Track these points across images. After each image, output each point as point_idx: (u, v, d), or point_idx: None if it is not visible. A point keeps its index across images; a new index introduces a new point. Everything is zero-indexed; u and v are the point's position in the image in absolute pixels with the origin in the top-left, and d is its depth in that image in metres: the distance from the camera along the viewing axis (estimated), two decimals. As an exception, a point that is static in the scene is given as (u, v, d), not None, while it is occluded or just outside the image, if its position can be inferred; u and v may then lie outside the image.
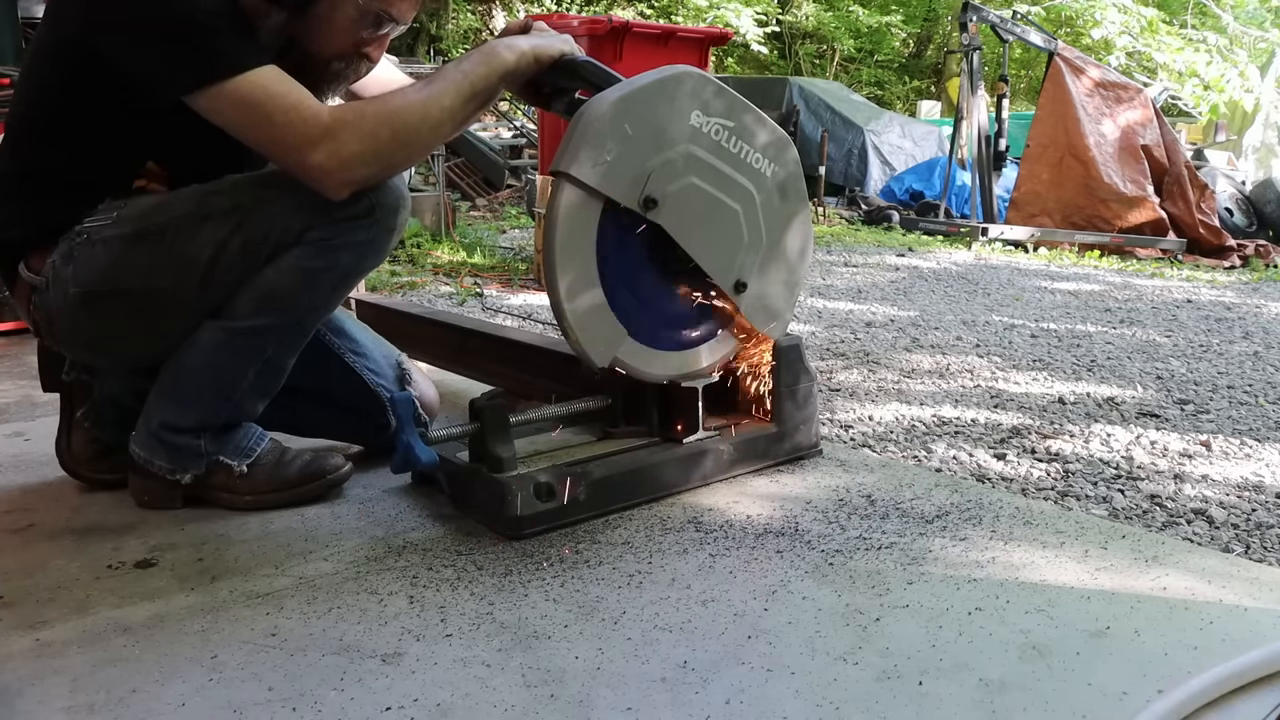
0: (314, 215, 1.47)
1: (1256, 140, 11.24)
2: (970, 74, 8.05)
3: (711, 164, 1.58)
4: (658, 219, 1.54)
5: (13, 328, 2.96)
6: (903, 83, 21.29)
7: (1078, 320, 4.48)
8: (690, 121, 1.55)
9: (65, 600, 1.29)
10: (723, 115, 1.58)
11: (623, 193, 1.50)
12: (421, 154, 1.54)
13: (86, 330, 1.52)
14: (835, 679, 1.10)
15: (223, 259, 1.46)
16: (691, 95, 1.55)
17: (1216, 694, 1.04)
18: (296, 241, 1.48)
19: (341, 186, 1.41)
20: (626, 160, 1.49)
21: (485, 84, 1.49)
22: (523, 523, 1.47)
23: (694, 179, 1.57)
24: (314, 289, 1.52)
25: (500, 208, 9.00)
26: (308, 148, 1.37)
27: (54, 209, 1.49)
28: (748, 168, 1.63)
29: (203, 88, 1.35)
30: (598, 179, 1.48)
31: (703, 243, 1.60)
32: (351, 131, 1.38)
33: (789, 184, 1.69)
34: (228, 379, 1.54)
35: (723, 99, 1.58)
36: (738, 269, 1.65)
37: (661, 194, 1.53)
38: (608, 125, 1.47)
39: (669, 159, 1.53)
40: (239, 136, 1.39)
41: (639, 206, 1.52)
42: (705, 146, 1.57)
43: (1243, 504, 2.13)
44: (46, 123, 1.48)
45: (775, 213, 1.68)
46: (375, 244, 1.53)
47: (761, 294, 1.69)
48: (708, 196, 1.59)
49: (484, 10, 16.87)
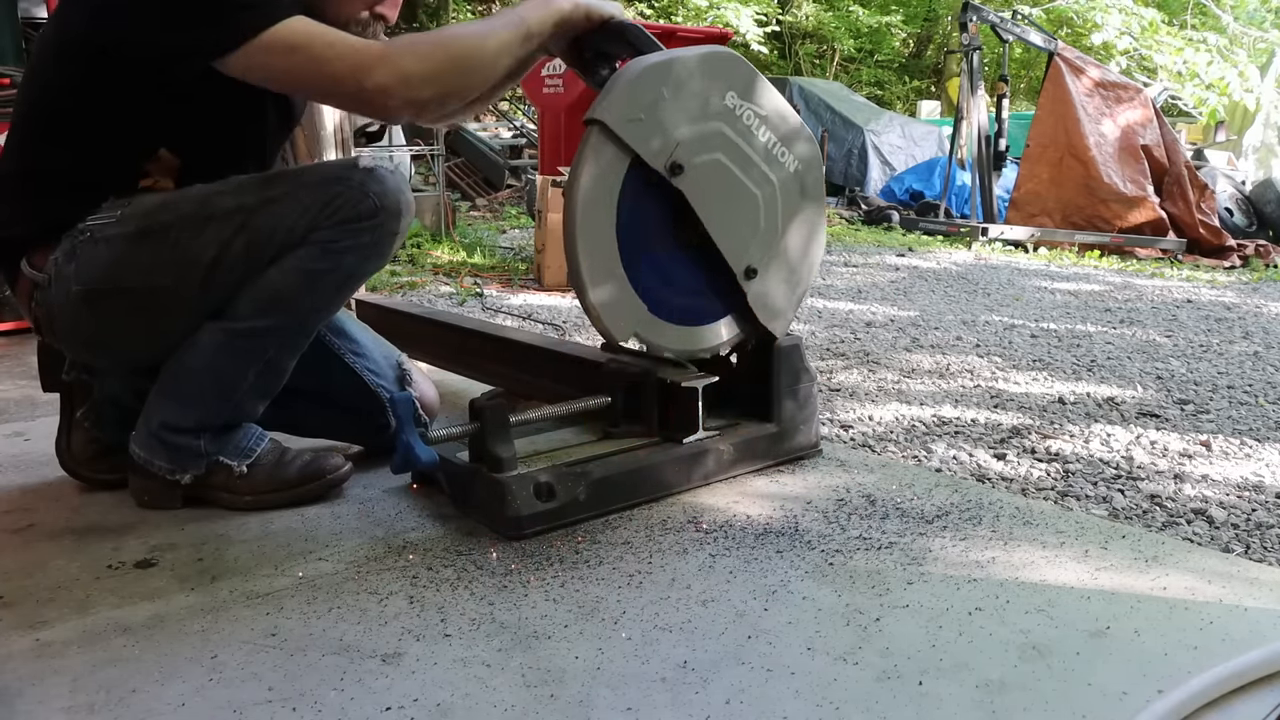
0: (318, 216, 1.47)
1: (1256, 140, 11.24)
2: (970, 74, 8.05)
3: (739, 146, 1.62)
4: (681, 186, 1.57)
5: (13, 327, 2.96)
6: (903, 83, 21.28)
7: (1078, 320, 4.48)
8: (725, 101, 1.58)
9: (65, 600, 1.29)
10: (756, 102, 1.62)
11: (651, 152, 1.53)
12: (481, 84, 1.49)
13: (87, 328, 1.52)
14: (835, 679, 1.10)
15: (225, 259, 1.46)
16: (730, 76, 1.59)
17: (1216, 694, 1.04)
18: (300, 243, 1.48)
19: (406, 106, 1.41)
20: (659, 123, 1.53)
21: (540, 27, 1.50)
22: (523, 523, 1.47)
23: (721, 156, 1.60)
24: (317, 291, 1.51)
25: (500, 208, 9.00)
26: (364, 72, 1.36)
27: (58, 207, 1.49)
28: (773, 158, 1.66)
29: (240, 44, 1.35)
30: (630, 133, 1.51)
31: (721, 220, 1.62)
32: (408, 53, 1.39)
33: (810, 182, 1.72)
34: (228, 380, 1.54)
35: (758, 86, 1.62)
36: (750, 255, 1.67)
37: (688, 163, 1.56)
38: (648, 85, 1.51)
39: (700, 131, 1.57)
40: (286, 86, 1.40)
41: (665, 170, 1.54)
42: (736, 128, 1.61)
43: (1243, 504, 2.13)
44: (50, 122, 1.49)
45: (793, 208, 1.70)
46: (379, 247, 1.52)
47: (767, 286, 1.70)
48: (731, 176, 1.62)
49: (484, 10, 16.88)
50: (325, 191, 1.47)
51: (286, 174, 1.46)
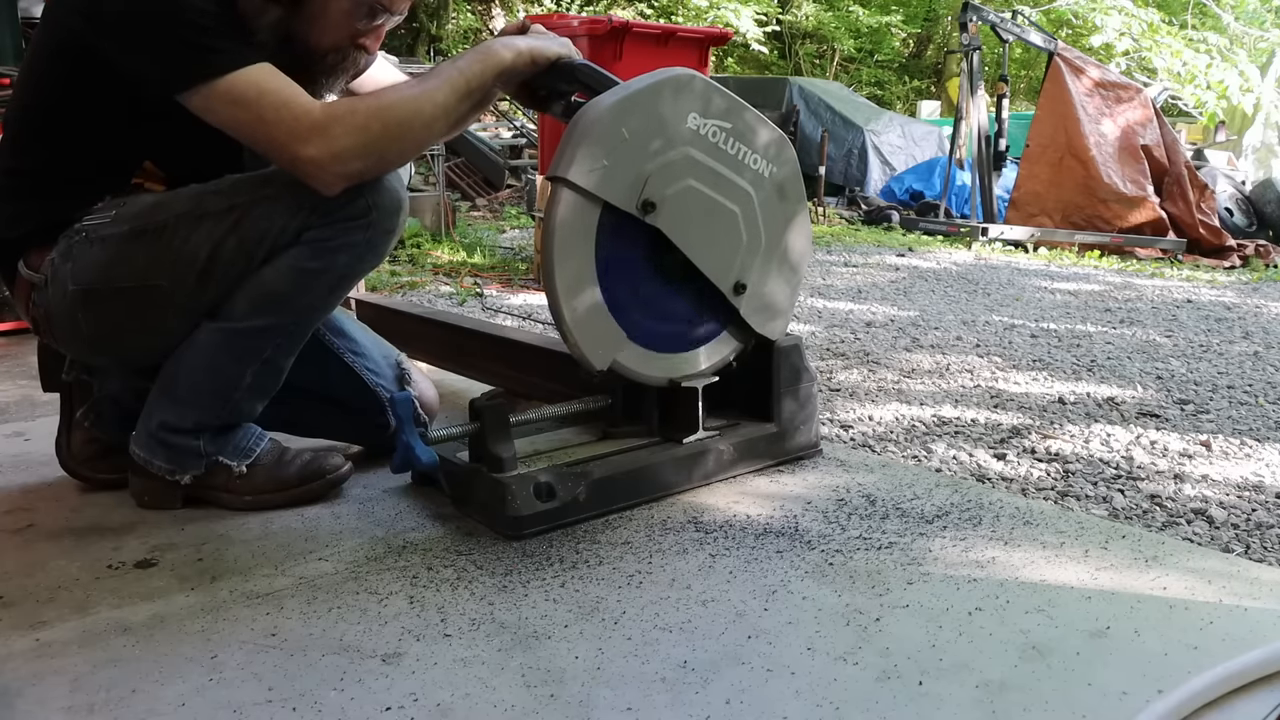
0: (311, 215, 1.46)
1: (1256, 140, 11.24)
2: (970, 74, 8.05)
3: (710, 166, 1.58)
4: (656, 222, 1.54)
5: (12, 327, 2.96)
6: (903, 83, 21.28)
7: (1078, 320, 4.48)
8: (688, 124, 1.54)
9: (65, 600, 1.29)
10: (720, 117, 1.58)
11: (620, 197, 1.50)
12: (415, 149, 1.52)
13: (85, 328, 1.52)
14: (835, 679, 1.10)
15: (219, 258, 1.46)
16: (689, 97, 1.54)
17: (1216, 694, 1.04)
18: (294, 242, 1.47)
19: (335, 180, 1.41)
20: (624, 164, 1.49)
21: (480, 81, 1.48)
22: (523, 523, 1.47)
23: (692, 181, 1.56)
24: (311, 290, 1.51)
25: (500, 208, 9.00)
26: (300, 142, 1.36)
27: (53, 207, 1.49)
28: (746, 169, 1.62)
29: (195, 86, 1.35)
30: (595, 183, 1.47)
31: (701, 245, 1.60)
32: (344, 125, 1.38)
33: (787, 184, 1.69)
34: (226, 380, 1.54)
35: (720, 100, 1.58)
36: (737, 270, 1.65)
37: (660, 197, 1.53)
38: (605, 129, 1.47)
39: (667, 161, 1.53)
40: (233, 134, 1.39)
41: (637, 210, 1.52)
42: (703, 149, 1.57)
43: (1243, 504, 2.13)
44: (45, 121, 1.48)
45: (774, 213, 1.68)
46: (373, 245, 1.52)
47: (760, 295, 1.69)
48: (706, 199, 1.59)
49: (483, 10, 16.87)
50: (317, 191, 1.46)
51: (280, 173, 1.46)
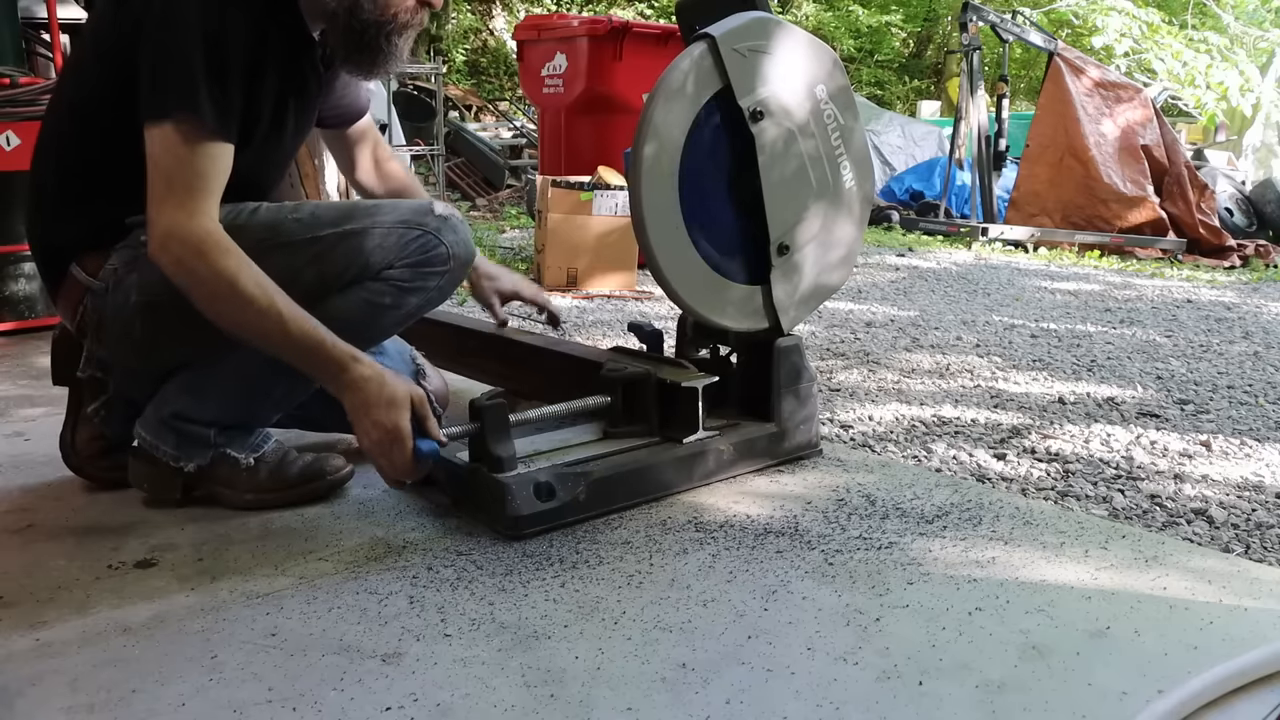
0: (395, 256, 1.51)
1: (1256, 140, 11.23)
2: (970, 74, 8.04)
3: (814, 135, 1.69)
4: (755, 132, 1.63)
5: (13, 327, 2.95)
6: (903, 83, 21.28)
7: (1078, 320, 4.48)
8: (816, 91, 1.67)
9: (65, 600, 1.29)
10: (840, 107, 1.70)
11: (741, 87, 1.60)
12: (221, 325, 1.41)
13: (140, 336, 1.52)
14: (835, 679, 1.10)
15: (295, 285, 1.44)
16: (828, 71, 1.68)
17: (1216, 694, 1.04)
18: (373, 278, 1.52)
19: (156, 252, 1.38)
20: (758, 68, 1.61)
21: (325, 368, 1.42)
22: (523, 523, 1.48)
23: (796, 131, 1.67)
24: (378, 323, 1.56)
25: (500, 208, 8.99)
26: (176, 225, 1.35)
27: (105, 209, 1.50)
28: (836, 167, 1.72)
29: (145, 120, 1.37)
30: (731, 60, 1.58)
31: (776, 186, 1.68)
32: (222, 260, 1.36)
33: (858, 209, 1.78)
34: (260, 390, 1.57)
35: (846, 95, 1.71)
36: (788, 232, 1.71)
37: (769, 114, 1.64)
38: (760, 31, 1.60)
39: (787, 101, 1.65)
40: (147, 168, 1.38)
41: (748, 111, 1.61)
42: (817, 120, 1.69)
43: (1243, 504, 2.13)
44: (89, 123, 1.49)
45: (836, 219, 1.76)
46: (443, 291, 1.60)
47: (793, 269, 1.74)
48: (798, 155, 1.68)
49: (483, 10, 16.87)
50: (403, 234, 1.52)
51: (361, 208, 1.53)
